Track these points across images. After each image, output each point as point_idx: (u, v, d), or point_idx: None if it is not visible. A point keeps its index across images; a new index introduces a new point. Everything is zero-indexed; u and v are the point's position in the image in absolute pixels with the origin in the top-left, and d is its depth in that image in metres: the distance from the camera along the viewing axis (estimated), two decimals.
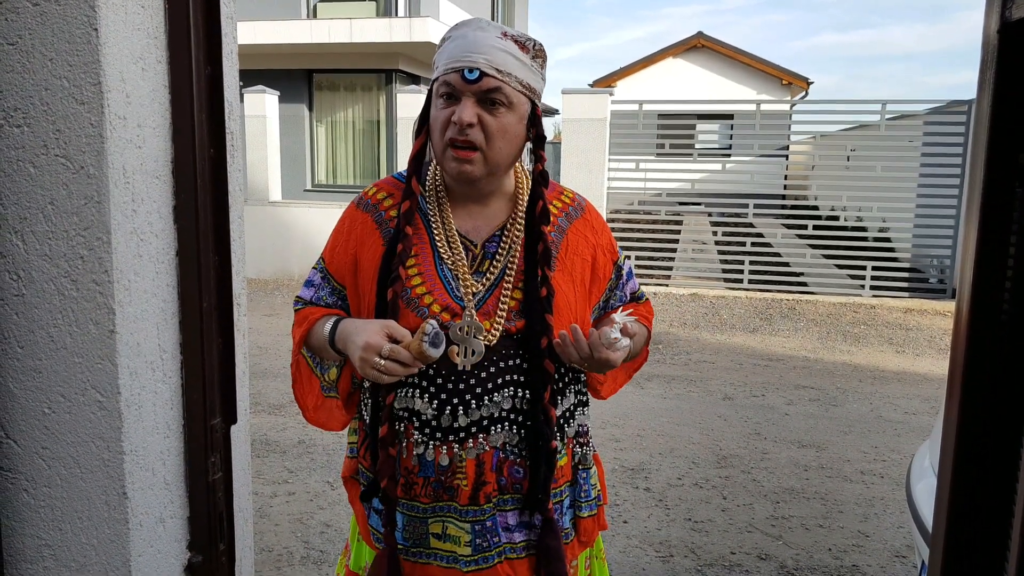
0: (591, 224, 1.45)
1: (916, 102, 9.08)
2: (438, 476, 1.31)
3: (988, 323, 0.81)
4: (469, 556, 1.32)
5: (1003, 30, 0.78)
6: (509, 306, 1.31)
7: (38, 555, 1.17)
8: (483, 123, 1.27)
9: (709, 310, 8.17)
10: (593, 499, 1.46)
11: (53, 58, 1.07)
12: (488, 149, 1.28)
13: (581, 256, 1.40)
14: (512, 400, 1.32)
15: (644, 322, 1.52)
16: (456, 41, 1.29)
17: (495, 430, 1.31)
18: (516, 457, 1.32)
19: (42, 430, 1.14)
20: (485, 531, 1.31)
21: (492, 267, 1.34)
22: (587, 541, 1.44)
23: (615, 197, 9.60)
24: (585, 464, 1.45)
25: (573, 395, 1.42)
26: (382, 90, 12.95)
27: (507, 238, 1.36)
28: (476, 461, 1.30)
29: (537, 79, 1.33)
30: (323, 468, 3.94)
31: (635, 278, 1.53)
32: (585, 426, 1.46)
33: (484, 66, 1.25)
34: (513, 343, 1.32)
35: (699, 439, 4.49)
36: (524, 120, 1.32)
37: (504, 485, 1.32)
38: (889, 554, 3.20)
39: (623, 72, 20.80)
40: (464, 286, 1.32)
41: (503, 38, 1.29)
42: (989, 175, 0.79)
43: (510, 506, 1.34)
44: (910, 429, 4.72)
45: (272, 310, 7.93)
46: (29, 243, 1.11)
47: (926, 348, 6.78)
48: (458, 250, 1.34)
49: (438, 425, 1.30)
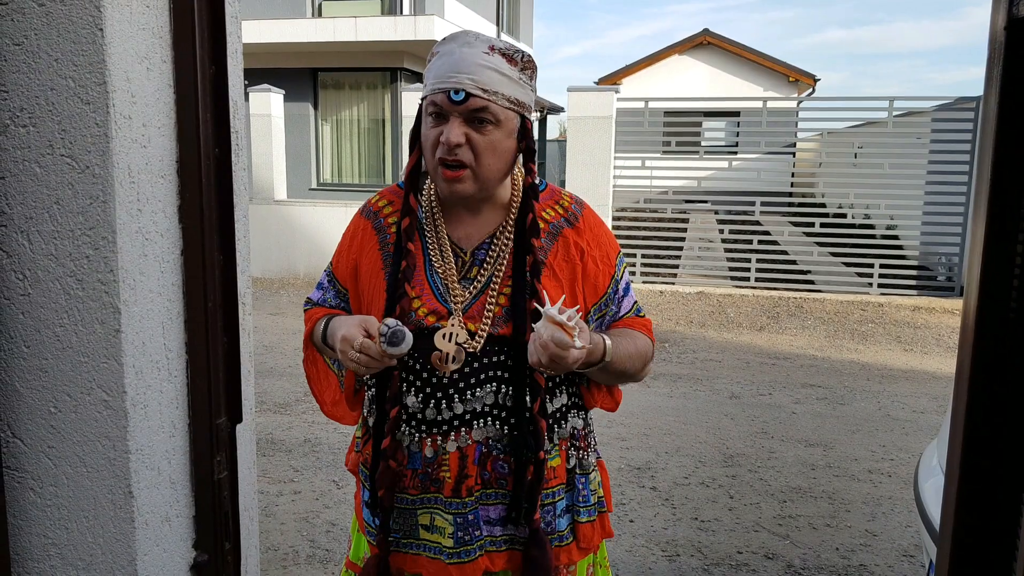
0: (584, 234, 1.42)
1: (924, 99, 9.06)
2: (424, 468, 1.34)
3: (996, 321, 0.81)
4: (451, 548, 1.34)
5: (1010, 26, 0.77)
6: (495, 312, 1.33)
7: (44, 554, 1.18)
8: (471, 142, 1.28)
9: (716, 308, 8.15)
10: (593, 505, 1.45)
11: (59, 58, 1.07)
12: (478, 167, 1.30)
13: (571, 263, 1.39)
14: (495, 396, 1.33)
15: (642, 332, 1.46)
16: (443, 58, 1.29)
17: (478, 424, 1.33)
18: (499, 453, 1.34)
19: (48, 429, 1.14)
20: (467, 524, 1.34)
21: (480, 274, 1.36)
22: (587, 548, 1.44)
23: (621, 195, 9.57)
24: (583, 469, 1.44)
25: (565, 395, 1.42)
26: (387, 88, 12.96)
27: (496, 246, 1.38)
28: (459, 454, 1.33)
29: (526, 92, 1.34)
30: (329, 467, 3.95)
31: (631, 294, 1.49)
32: (581, 429, 1.45)
33: (470, 87, 1.26)
34: (499, 341, 1.33)
35: (706, 438, 4.48)
36: (513, 135, 1.33)
37: (488, 479, 1.34)
38: (897, 553, 3.19)
39: (629, 69, 20.75)
40: (452, 292, 1.35)
41: (490, 53, 1.28)
42: (997, 172, 0.79)
43: (493, 500, 1.35)
44: (918, 428, 4.70)
45: (277, 309, 7.94)
46: (35, 243, 1.11)
47: (934, 346, 6.76)
48: (448, 258, 1.37)
49: (423, 418, 1.34)
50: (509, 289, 1.34)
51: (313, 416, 4.71)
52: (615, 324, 1.46)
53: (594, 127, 8.97)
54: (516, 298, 1.32)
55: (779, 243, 9.80)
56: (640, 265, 9.17)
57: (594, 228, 1.45)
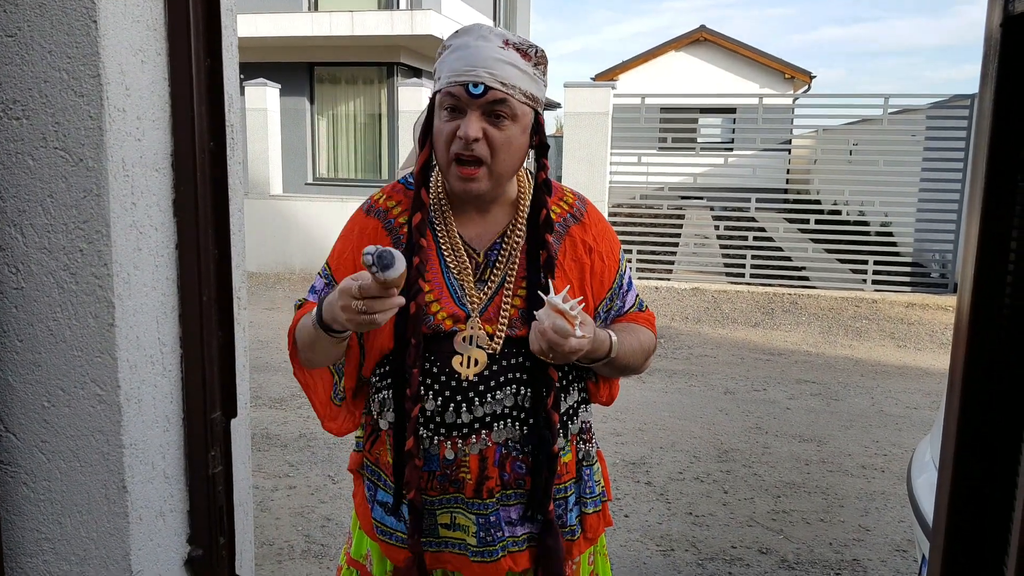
0: (590, 229, 1.42)
1: (919, 96, 9.04)
2: (443, 470, 1.33)
3: (989, 318, 0.81)
4: (475, 547, 1.34)
5: (1006, 24, 0.77)
6: (511, 314, 1.33)
7: (38, 548, 1.17)
8: (488, 137, 1.27)
9: (711, 304, 8.16)
10: (598, 495, 1.47)
11: (52, 50, 1.06)
12: (493, 163, 1.29)
13: (579, 261, 1.39)
14: (515, 398, 1.33)
15: (646, 326, 1.49)
16: (458, 52, 1.27)
17: (498, 427, 1.32)
18: (518, 453, 1.34)
19: (41, 424, 1.14)
20: (489, 525, 1.33)
21: (493, 275, 1.35)
22: (593, 538, 1.45)
23: (617, 191, 9.57)
24: (588, 460, 1.45)
25: (576, 392, 1.43)
26: (383, 83, 12.93)
27: (507, 245, 1.37)
28: (479, 456, 1.32)
29: (539, 87, 1.33)
30: (324, 462, 3.95)
31: (634, 288, 1.50)
32: (588, 422, 1.47)
33: (489, 80, 1.24)
34: (516, 343, 1.33)
35: (700, 433, 4.49)
36: (527, 131, 1.33)
37: (507, 480, 1.34)
38: (890, 548, 3.20)
39: (625, 66, 20.75)
40: (469, 294, 1.34)
41: (505, 47, 1.27)
42: (991, 169, 0.79)
43: (513, 500, 1.35)
44: (911, 423, 4.72)
45: (273, 304, 7.93)
46: (28, 236, 1.10)
47: (927, 343, 6.78)
48: (463, 258, 1.35)
49: (442, 421, 1.32)
50: (524, 291, 1.33)
51: (308, 411, 4.71)
52: (620, 319, 1.46)
53: (590, 123, 8.96)
54: (532, 299, 1.32)
55: (774, 239, 9.82)
56: (636, 261, 9.17)
57: (598, 223, 1.44)
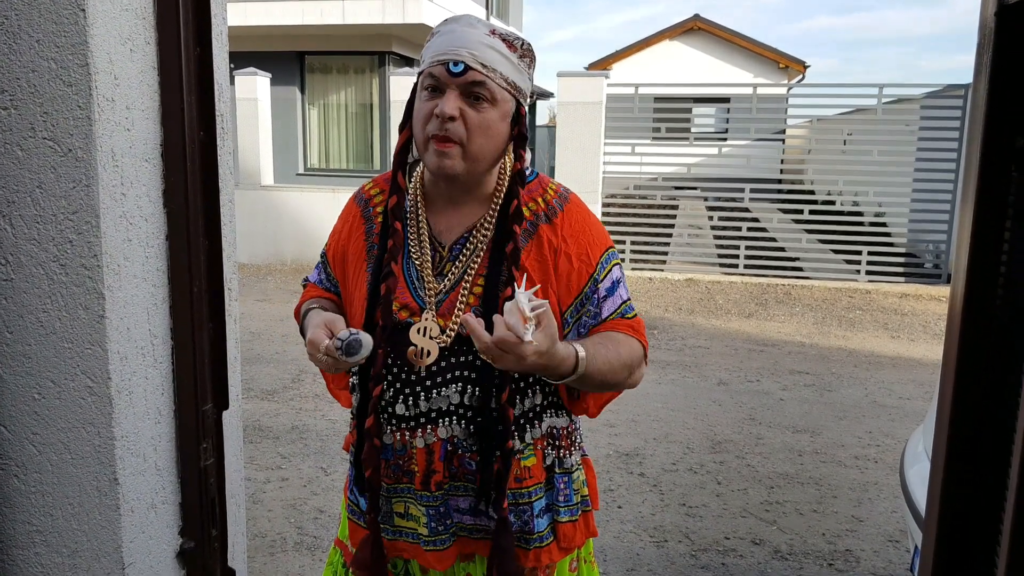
0: (561, 230, 1.36)
1: (913, 86, 9.07)
2: (396, 460, 1.35)
3: (983, 308, 0.81)
4: (427, 537, 1.36)
5: (1000, 13, 0.77)
6: (464, 310, 1.31)
7: (29, 541, 1.17)
8: (465, 117, 1.27)
9: (704, 295, 8.17)
10: (576, 504, 1.42)
11: (40, 39, 1.05)
12: (468, 144, 1.28)
13: (543, 262, 1.34)
14: (461, 396, 1.31)
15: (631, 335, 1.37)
16: (444, 36, 1.30)
17: (443, 423, 1.32)
18: (466, 452, 1.32)
19: (32, 416, 1.13)
20: (439, 515, 1.35)
21: (454, 269, 1.35)
22: (568, 547, 1.41)
23: (611, 181, 9.56)
24: (565, 468, 1.40)
25: (540, 395, 1.37)
26: (375, 73, 12.87)
27: (473, 240, 1.35)
28: (426, 450, 1.32)
29: (523, 78, 1.33)
30: (317, 454, 3.95)
31: (618, 294, 1.38)
32: (561, 428, 1.41)
33: (469, 60, 1.26)
34: (468, 340, 1.29)
35: (694, 424, 4.50)
36: (507, 118, 1.32)
37: (455, 474, 1.33)
38: (882, 538, 3.22)
39: (619, 55, 20.70)
40: (427, 286, 1.34)
41: (491, 35, 1.29)
42: (985, 159, 0.79)
43: (462, 492, 1.35)
44: (904, 414, 4.74)
45: (264, 295, 7.91)
46: (17, 227, 1.09)
47: (921, 333, 6.80)
48: (426, 250, 1.36)
49: (393, 412, 1.34)
50: (480, 288, 1.31)
51: (300, 403, 4.70)
52: (597, 328, 1.36)
53: (584, 113, 8.94)
54: (488, 296, 1.30)
55: (768, 230, 9.83)
56: (629, 252, 9.18)
57: (575, 223, 1.37)
